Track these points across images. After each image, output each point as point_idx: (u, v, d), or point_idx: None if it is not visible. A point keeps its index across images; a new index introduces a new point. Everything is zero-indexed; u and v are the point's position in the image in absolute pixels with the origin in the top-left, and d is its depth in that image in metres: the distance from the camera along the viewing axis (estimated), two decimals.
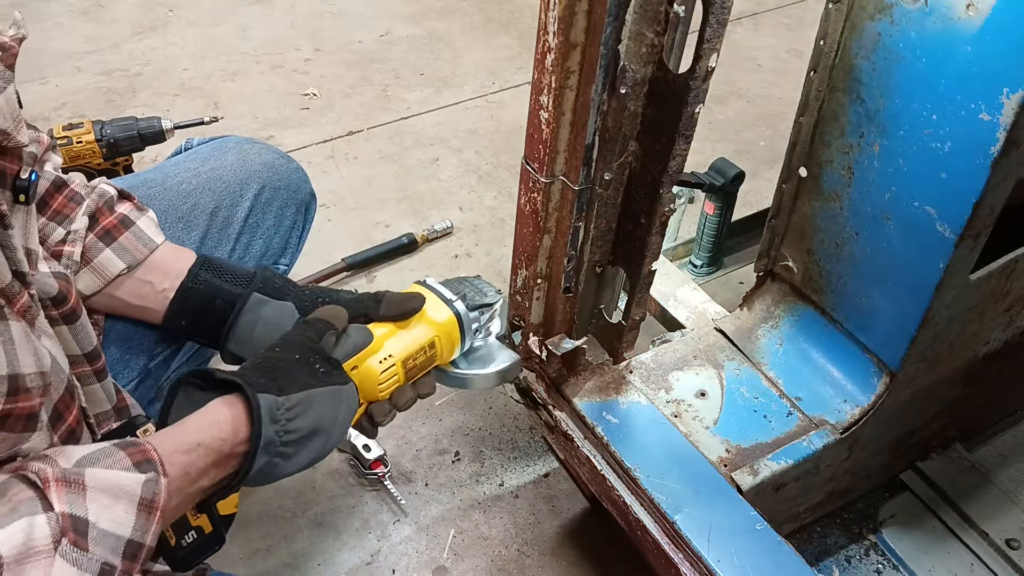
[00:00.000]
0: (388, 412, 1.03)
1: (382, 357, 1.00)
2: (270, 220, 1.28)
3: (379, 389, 1.00)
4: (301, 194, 1.33)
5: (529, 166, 1.05)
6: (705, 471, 1.14)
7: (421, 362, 1.06)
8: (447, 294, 1.09)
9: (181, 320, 1.08)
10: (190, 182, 1.22)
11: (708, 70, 0.86)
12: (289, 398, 0.86)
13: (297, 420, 0.87)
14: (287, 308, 1.07)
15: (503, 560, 1.51)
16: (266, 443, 0.83)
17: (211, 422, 0.83)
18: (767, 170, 2.38)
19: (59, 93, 2.57)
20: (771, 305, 1.32)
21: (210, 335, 1.08)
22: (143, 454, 0.75)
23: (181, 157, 1.29)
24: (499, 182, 2.35)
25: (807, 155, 1.17)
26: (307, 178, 1.35)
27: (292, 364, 0.90)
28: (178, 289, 1.06)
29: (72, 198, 1.02)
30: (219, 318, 1.07)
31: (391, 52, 2.86)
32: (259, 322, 1.06)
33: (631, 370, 1.29)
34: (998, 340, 1.32)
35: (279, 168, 1.30)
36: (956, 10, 0.92)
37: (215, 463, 0.82)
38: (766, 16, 3.19)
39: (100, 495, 0.69)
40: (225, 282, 1.07)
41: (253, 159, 1.28)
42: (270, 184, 1.27)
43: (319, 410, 0.89)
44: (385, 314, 1.04)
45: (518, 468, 1.66)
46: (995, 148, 0.92)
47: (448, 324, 1.08)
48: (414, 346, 1.04)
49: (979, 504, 1.44)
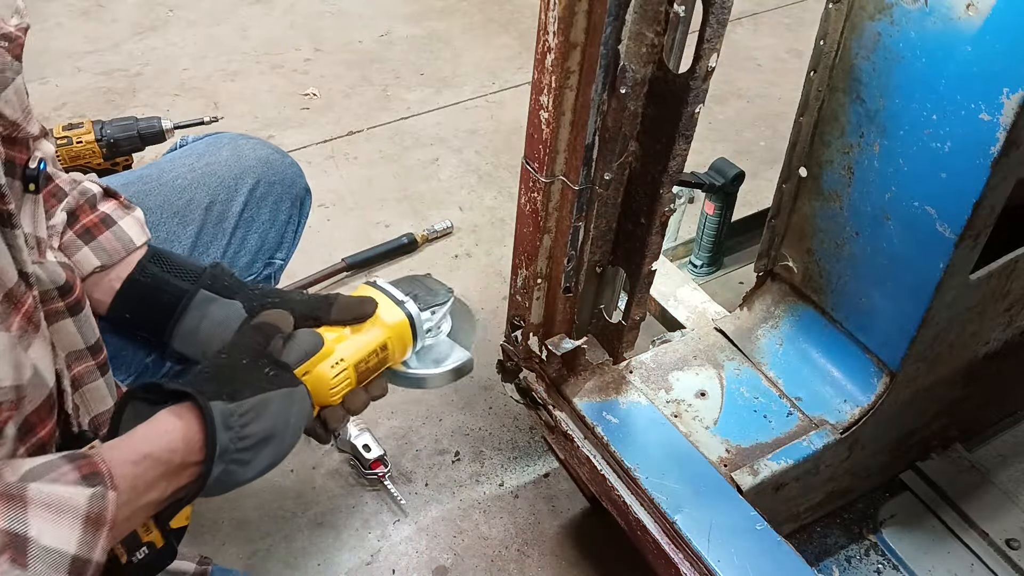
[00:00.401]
0: (342, 417, 1.00)
1: (333, 362, 0.97)
2: (265, 215, 1.27)
3: (331, 394, 0.97)
4: (296, 189, 1.32)
5: (529, 166, 1.05)
6: (705, 471, 1.14)
7: (373, 364, 1.03)
8: (398, 295, 1.06)
9: (125, 312, 1.05)
10: (185, 177, 1.21)
11: (708, 70, 0.86)
12: (241, 404, 0.84)
13: (251, 426, 0.84)
14: (234, 307, 1.04)
15: (503, 560, 1.51)
16: (221, 451, 0.81)
17: (160, 433, 0.80)
18: (767, 170, 2.38)
19: (59, 93, 2.57)
20: (771, 305, 1.32)
21: (154, 330, 1.06)
22: (91, 467, 0.72)
23: (176, 153, 1.29)
24: (499, 182, 2.35)
25: (807, 155, 1.17)
26: (301, 173, 1.35)
27: (241, 369, 0.88)
28: (124, 280, 1.04)
29: (55, 194, 1.01)
30: (164, 313, 1.04)
31: (391, 52, 2.86)
32: (205, 319, 1.04)
33: (631, 370, 1.29)
34: (998, 340, 1.32)
35: (273, 163, 1.29)
36: (956, 10, 0.92)
37: (165, 475, 0.79)
38: (766, 16, 3.19)
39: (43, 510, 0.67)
40: (173, 276, 1.05)
41: (248, 154, 1.27)
42: (265, 179, 1.27)
43: (272, 414, 0.87)
44: (336, 319, 1.01)
45: (518, 468, 1.66)
46: (995, 148, 0.92)
47: (400, 326, 1.05)
48: (365, 349, 1.01)
49: (979, 504, 1.44)
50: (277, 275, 1.34)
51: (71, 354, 0.93)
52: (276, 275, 1.34)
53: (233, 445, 0.83)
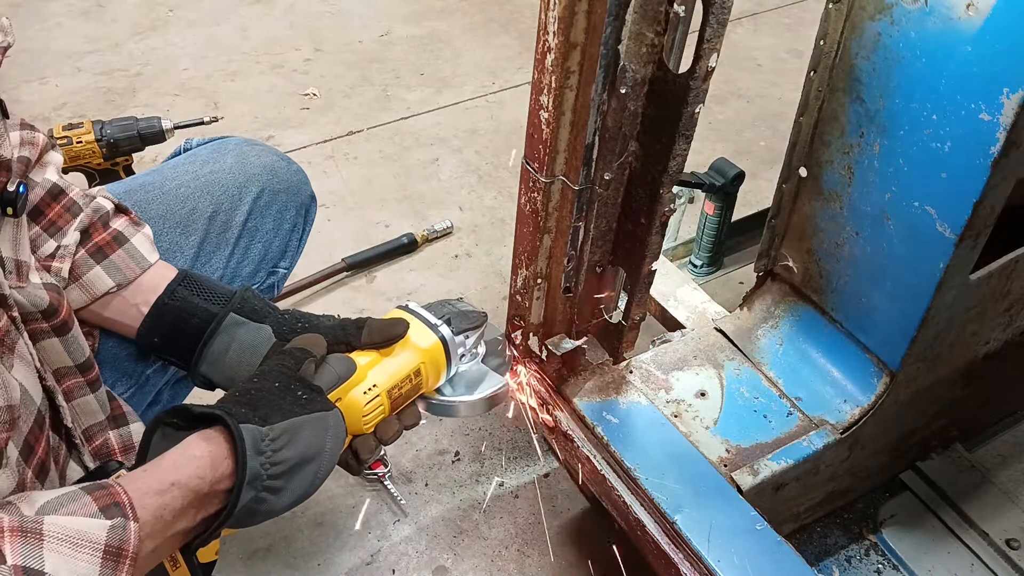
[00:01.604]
0: (374, 448, 0.97)
1: (366, 387, 0.94)
2: (269, 223, 1.26)
3: (364, 421, 0.94)
4: (301, 196, 1.31)
5: (529, 166, 1.05)
6: (705, 471, 1.14)
7: (406, 391, 1.00)
8: (431, 318, 1.03)
9: (154, 337, 1.04)
10: (188, 185, 1.19)
11: (708, 70, 0.86)
12: (273, 428, 0.81)
13: (284, 451, 0.81)
14: (264, 331, 1.02)
15: (503, 560, 1.51)
16: (252, 477, 0.78)
17: (188, 458, 0.77)
18: (767, 170, 2.38)
19: (59, 93, 2.57)
20: (771, 305, 1.32)
21: (182, 355, 1.04)
22: (110, 497, 0.70)
23: (180, 159, 1.27)
24: (499, 182, 2.35)
25: (807, 155, 1.17)
26: (307, 180, 1.34)
27: (273, 393, 0.85)
28: (153, 305, 1.03)
29: (69, 208, 1.00)
30: (193, 337, 1.02)
31: (391, 52, 2.86)
32: (234, 343, 1.01)
33: (631, 370, 1.29)
34: (998, 340, 1.32)
35: (279, 171, 1.28)
36: (956, 10, 0.92)
37: (193, 503, 0.76)
38: (766, 16, 3.18)
39: (59, 544, 0.65)
40: (203, 300, 1.03)
41: (252, 161, 1.25)
42: (269, 187, 1.25)
43: (306, 439, 0.84)
44: (367, 341, 0.98)
45: (518, 468, 1.66)
46: (995, 148, 0.92)
47: (434, 350, 1.02)
48: (399, 375, 0.98)
49: (979, 504, 1.44)
50: (280, 284, 1.33)
51: (59, 371, 0.92)
52: (279, 284, 1.32)
53: (265, 471, 0.79)
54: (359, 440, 0.95)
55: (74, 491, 0.70)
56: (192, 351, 1.03)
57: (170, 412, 0.82)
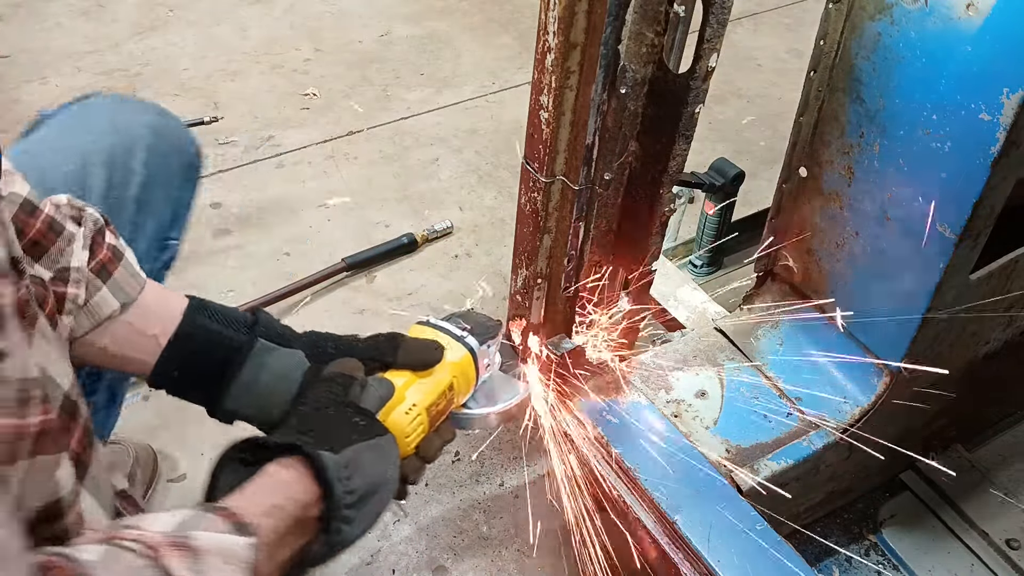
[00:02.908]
0: (419, 468, 0.94)
1: (406, 408, 0.92)
2: (160, 194, 1.12)
3: (407, 442, 0.92)
4: (186, 156, 1.18)
5: (529, 166, 1.05)
6: (705, 471, 1.14)
7: (443, 407, 0.98)
8: (455, 331, 1.02)
9: (172, 371, 0.93)
10: (73, 162, 1.04)
11: (708, 70, 0.87)
12: (343, 454, 0.78)
13: (354, 479, 0.78)
14: (296, 356, 0.95)
15: (503, 560, 1.51)
16: (336, 504, 0.76)
17: (278, 484, 0.75)
18: (767, 170, 2.38)
19: (59, 93, 2.56)
20: (771, 305, 1.32)
21: (204, 387, 0.95)
22: (234, 518, 0.68)
23: (46, 134, 1.10)
24: (499, 182, 2.35)
25: (807, 155, 1.17)
26: (192, 137, 1.20)
27: (331, 420, 0.82)
28: (173, 335, 0.92)
29: (51, 226, 0.86)
30: (218, 368, 0.94)
31: (391, 52, 2.86)
32: (264, 371, 0.94)
33: (631, 370, 1.29)
34: (998, 340, 1.32)
35: (161, 130, 1.14)
36: (956, 10, 0.92)
37: (293, 528, 0.74)
38: (766, 16, 3.18)
39: (214, 559, 0.64)
40: (224, 327, 0.95)
41: (132, 122, 1.11)
42: (156, 150, 1.11)
43: (370, 466, 0.81)
44: (404, 362, 0.96)
45: (518, 468, 1.66)
46: (995, 148, 0.92)
47: (464, 363, 1.01)
48: (435, 392, 0.96)
49: (979, 504, 1.44)
50: (173, 259, 1.21)
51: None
52: (172, 259, 1.20)
53: (342, 500, 0.77)
54: (405, 462, 0.93)
55: (195, 512, 0.68)
56: (214, 383, 0.94)
57: (239, 446, 0.79)
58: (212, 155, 2.35)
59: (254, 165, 2.34)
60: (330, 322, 1.86)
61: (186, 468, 1.59)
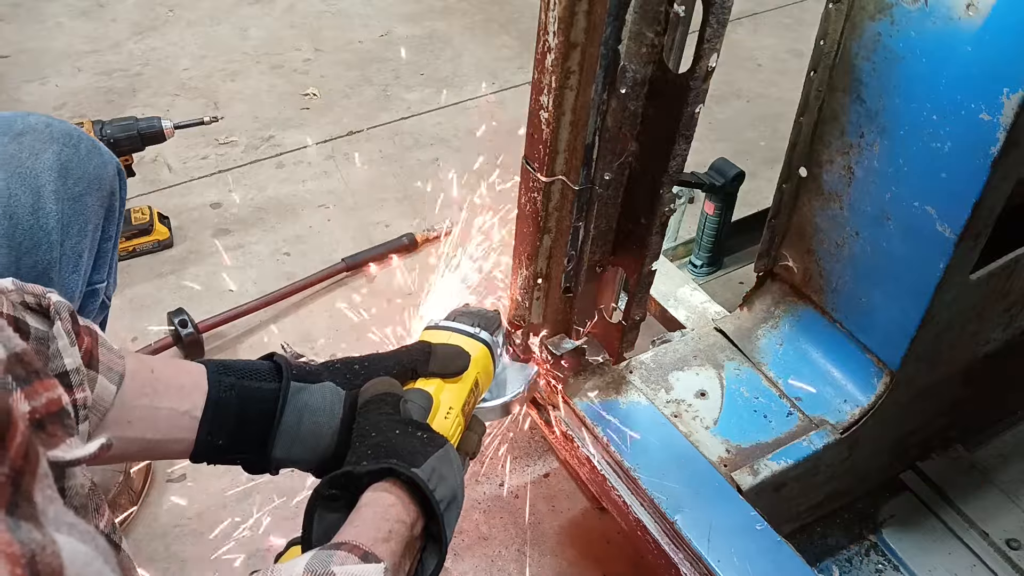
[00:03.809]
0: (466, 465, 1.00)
1: (444, 412, 0.98)
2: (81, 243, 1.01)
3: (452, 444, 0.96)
4: (104, 185, 1.05)
5: (529, 166, 1.05)
6: (705, 471, 1.14)
7: (471, 404, 1.04)
8: (468, 328, 1.07)
9: (217, 440, 0.89)
10: None
11: (708, 70, 0.87)
12: (423, 469, 0.81)
13: (439, 489, 0.82)
14: (327, 388, 0.94)
15: (503, 560, 1.51)
16: (439, 516, 0.80)
17: (384, 508, 0.77)
18: (767, 170, 2.38)
19: (59, 93, 2.56)
20: (771, 305, 1.32)
21: (250, 446, 0.91)
22: (358, 550, 0.70)
23: None
24: (499, 182, 2.35)
25: (807, 155, 1.17)
26: (106, 156, 1.06)
27: (398, 440, 0.85)
28: (206, 406, 0.88)
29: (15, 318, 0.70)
30: (259, 423, 0.91)
31: (391, 52, 2.86)
32: (306, 413, 0.92)
33: (631, 370, 1.29)
34: (998, 340, 1.32)
35: (69, 166, 1.00)
36: (956, 10, 0.92)
37: (405, 552, 0.77)
38: (766, 16, 3.18)
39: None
40: (252, 380, 0.91)
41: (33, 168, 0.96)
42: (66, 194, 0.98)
43: (445, 476, 0.85)
44: (434, 371, 1.01)
45: (518, 468, 1.66)
46: (995, 148, 0.92)
47: (483, 358, 1.06)
48: (464, 391, 1.02)
49: (979, 504, 1.44)
50: (104, 306, 1.11)
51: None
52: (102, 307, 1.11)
53: (440, 511, 0.82)
54: None
55: (314, 555, 0.70)
56: (259, 440, 0.91)
57: (328, 482, 0.81)
58: (212, 155, 2.35)
59: (254, 165, 2.34)
60: (330, 322, 1.86)
61: (186, 468, 1.59)
